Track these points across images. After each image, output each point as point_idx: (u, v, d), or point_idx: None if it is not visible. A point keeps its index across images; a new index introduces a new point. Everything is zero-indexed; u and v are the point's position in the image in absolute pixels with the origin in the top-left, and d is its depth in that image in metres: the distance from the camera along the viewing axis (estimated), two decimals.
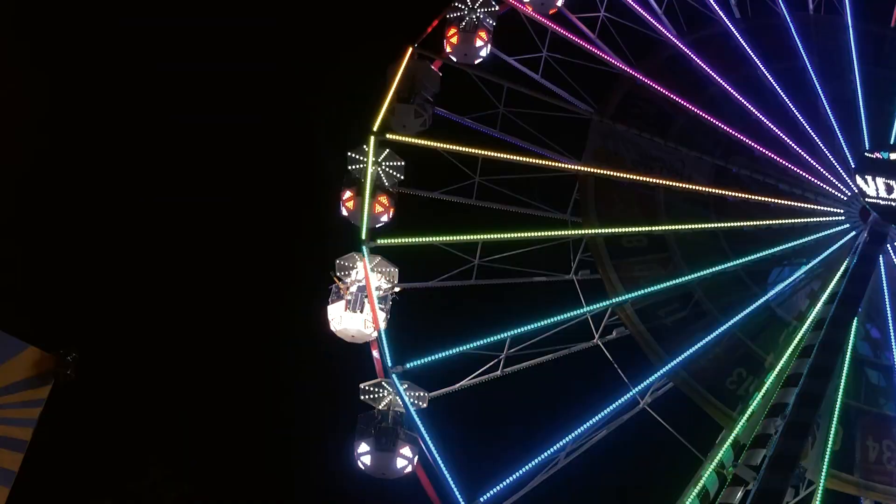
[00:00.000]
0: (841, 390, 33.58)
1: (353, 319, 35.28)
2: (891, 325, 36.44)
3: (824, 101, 40.24)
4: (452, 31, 40.34)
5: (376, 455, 32.62)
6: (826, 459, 32.14)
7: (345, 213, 37.72)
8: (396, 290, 36.05)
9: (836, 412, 33.02)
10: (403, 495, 33.60)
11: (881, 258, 37.15)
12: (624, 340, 36.65)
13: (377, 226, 37.25)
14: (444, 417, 34.99)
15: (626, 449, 37.29)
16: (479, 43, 40.26)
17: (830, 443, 32.43)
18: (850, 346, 34.62)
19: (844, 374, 33.99)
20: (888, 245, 37.55)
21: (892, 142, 39.55)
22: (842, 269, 36.54)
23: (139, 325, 46.48)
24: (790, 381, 33.47)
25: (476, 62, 40.54)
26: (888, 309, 36.73)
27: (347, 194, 37.65)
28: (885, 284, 37.04)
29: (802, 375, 33.07)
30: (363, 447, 32.95)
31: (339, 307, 35.59)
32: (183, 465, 42.47)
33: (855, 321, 34.77)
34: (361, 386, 33.48)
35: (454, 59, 40.41)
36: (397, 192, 37.86)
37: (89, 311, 45.50)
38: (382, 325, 34.86)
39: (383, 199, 37.35)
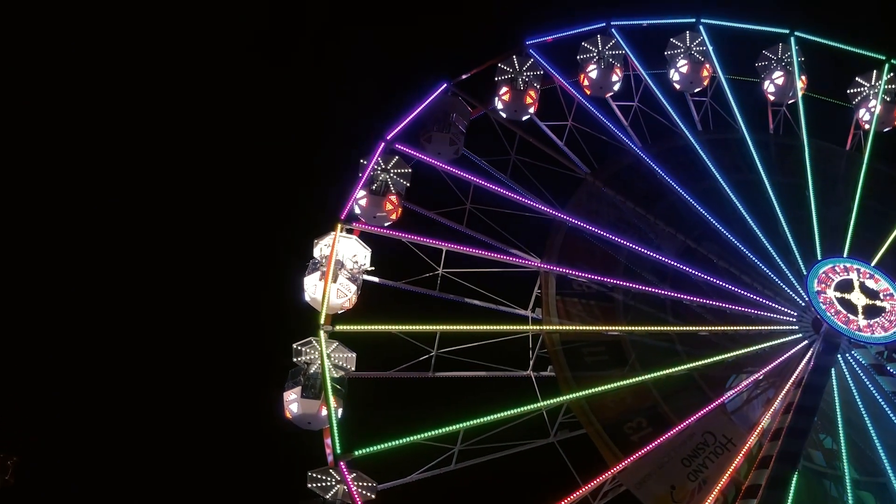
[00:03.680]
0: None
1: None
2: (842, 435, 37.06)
3: (815, 222, 42.10)
4: (505, 89, 44.88)
5: (303, 402, 35.69)
6: None
7: (357, 211, 41.16)
8: (368, 269, 39.63)
9: None
10: None
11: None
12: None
13: (385, 224, 40.71)
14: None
15: (529, 476, 39.26)
16: (528, 101, 44.67)
17: None
18: None
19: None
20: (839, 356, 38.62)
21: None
22: (775, 367, 38.39)
23: (79, 429, 47.55)
24: (749, 492, 34.80)
25: (524, 118, 44.81)
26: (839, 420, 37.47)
27: (361, 193, 41.35)
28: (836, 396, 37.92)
29: (761, 487, 34.39)
30: (291, 395, 36.30)
31: (315, 278, 39.20)
32: None
33: None
34: (294, 346, 36.81)
35: (504, 115, 44.80)
36: (403, 200, 41.49)
37: (29, 414, 45.67)
38: (354, 298, 38.45)
39: (392, 198, 40.99)
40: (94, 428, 48.54)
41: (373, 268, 39.89)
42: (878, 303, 38.95)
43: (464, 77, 44.51)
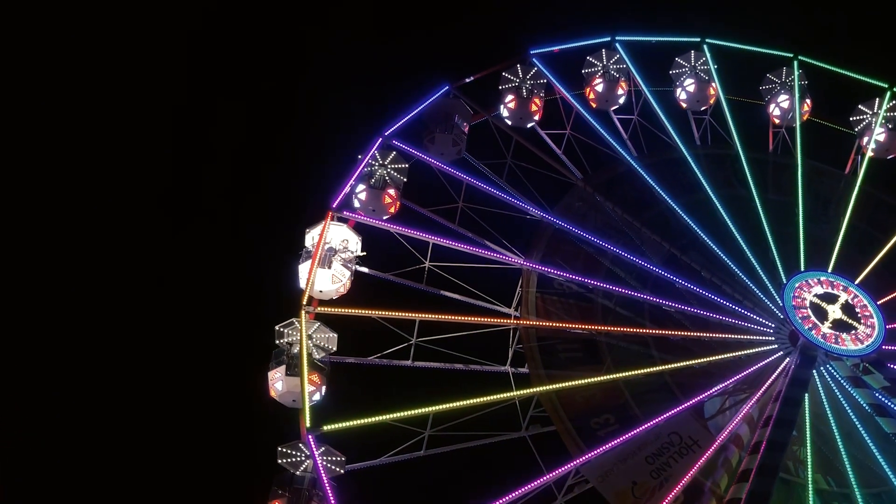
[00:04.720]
0: None
1: (321, 276, 39.56)
2: (808, 446, 37.21)
3: (801, 237, 42.57)
4: (511, 97, 46.07)
5: (287, 380, 36.92)
6: None
7: (357, 204, 42.18)
8: (360, 255, 40.60)
9: None
10: None
11: None
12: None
13: (384, 217, 41.49)
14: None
15: (499, 468, 39.92)
16: (533, 108, 45.85)
17: None
18: None
19: None
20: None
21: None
22: (763, 385, 38.48)
23: (77, 427, 48.82)
24: None
25: (528, 126, 45.97)
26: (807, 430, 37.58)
27: (360, 187, 42.48)
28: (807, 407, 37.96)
29: (741, 501, 34.40)
30: (276, 374, 37.50)
31: (307, 266, 40.10)
32: None
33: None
34: (277, 328, 37.94)
35: (509, 122, 45.95)
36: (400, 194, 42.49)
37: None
38: (348, 284, 39.63)
39: (391, 192, 41.98)
40: (91, 422, 49.95)
41: (364, 253, 40.84)
42: (854, 316, 39.18)
43: (466, 81, 45.58)
